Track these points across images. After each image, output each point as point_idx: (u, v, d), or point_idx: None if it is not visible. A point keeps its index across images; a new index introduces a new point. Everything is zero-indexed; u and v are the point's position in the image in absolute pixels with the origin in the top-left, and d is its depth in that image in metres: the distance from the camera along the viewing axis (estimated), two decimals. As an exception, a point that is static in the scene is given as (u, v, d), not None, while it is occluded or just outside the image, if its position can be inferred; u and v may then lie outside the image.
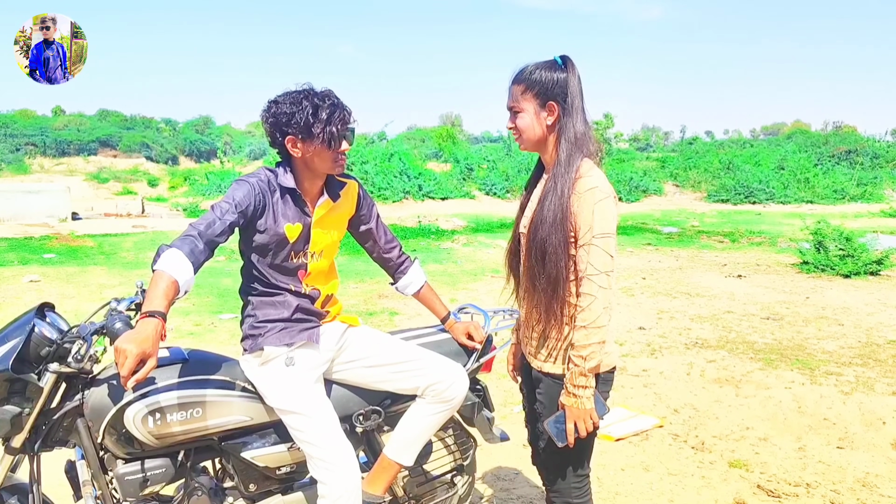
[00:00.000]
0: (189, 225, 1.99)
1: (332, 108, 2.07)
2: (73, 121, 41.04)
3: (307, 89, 2.12)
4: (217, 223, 1.99)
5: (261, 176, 2.13)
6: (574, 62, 2.03)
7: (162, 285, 1.80)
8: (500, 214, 18.65)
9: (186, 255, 1.88)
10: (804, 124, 64.52)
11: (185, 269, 1.86)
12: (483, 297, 7.74)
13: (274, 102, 2.11)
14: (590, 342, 1.95)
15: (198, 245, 1.92)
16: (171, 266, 1.84)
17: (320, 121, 2.06)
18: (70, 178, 27.93)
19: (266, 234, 2.12)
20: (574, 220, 1.96)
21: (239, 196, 2.05)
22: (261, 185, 2.10)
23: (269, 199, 2.12)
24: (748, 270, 9.64)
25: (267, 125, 2.12)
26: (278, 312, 2.19)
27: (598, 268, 1.94)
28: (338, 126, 2.08)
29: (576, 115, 2.01)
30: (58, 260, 10.13)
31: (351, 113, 2.15)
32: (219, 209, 2.02)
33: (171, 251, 1.87)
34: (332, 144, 2.09)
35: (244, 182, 2.10)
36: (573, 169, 1.98)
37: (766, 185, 24.26)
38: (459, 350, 2.49)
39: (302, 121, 2.05)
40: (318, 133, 2.06)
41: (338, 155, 2.13)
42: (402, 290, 2.54)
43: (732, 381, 4.83)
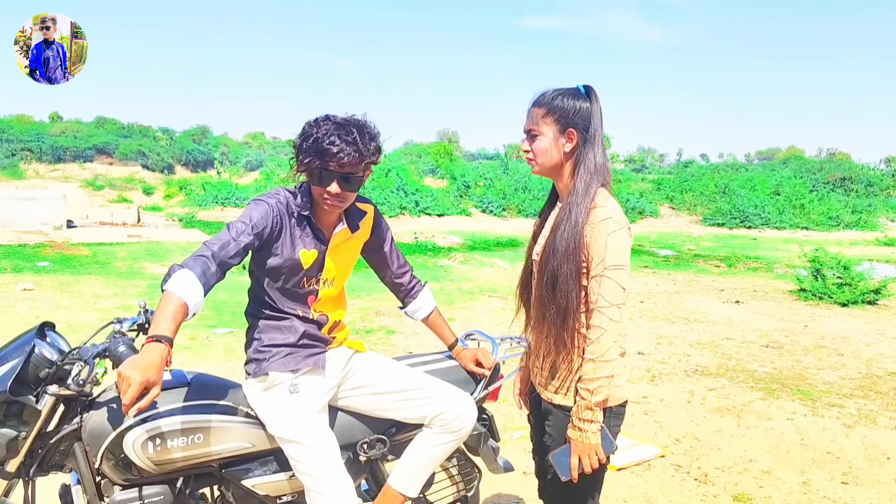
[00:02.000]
0: (203, 244, 1.94)
1: (332, 146, 1.95)
2: (69, 127, 40.98)
3: (342, 120, 2.01)
4: (231, 244, 1.93)
5: (279, 197, 2.08)
6: (596, 93, 2.01)
7: (170, 308, 1.75)
8: (497, 232, 18.65)
9: (198, 276, 1.83)
10: (798, 150, 64.97)
11: (196, 291, 1.81)
12: (481, 316, 7.70)
13: (308, 124, 2.04)
14: (598, 375, 1.90)
15: (210, 266, 1.87)
16: (182, 288, 1.78)
17: (308, 153, 1.98)
18: (65, 184, 27.85)
19: (280, 258, 2.07)
20: (587, 250, 1.92)
21: (256, 217, 2.00)
22: (279, 206, 2.06)
23: (287, 222, 2.07)
24: (746, 296, 9.62)
25: (294, 145, 2.08)
26: (284, 337, 2.13)
27: (610, 300, 1.90)
28: (328, 163, 1.96)
29: (596, 145, 1.98)
30: (52, 268, 10.04)
31: (361, 160, 2.00)
32: (234, 229, 1.97)
33: (183, 272, 1.82)
34: (314, 180, 2.01)
35: (262, 202, 2.05)
36: (589, 198, 1.95)
37: (762, 210, 24.35)
38: (467, 378, 2.44)
39: (299, 147, 2.01)
40: (302, 162, 2.01)
41: (322, 194, 2.03)
42: (412, 314, 2.49)
43: (734, 410, 4.78)
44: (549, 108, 2.00)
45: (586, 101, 1.99)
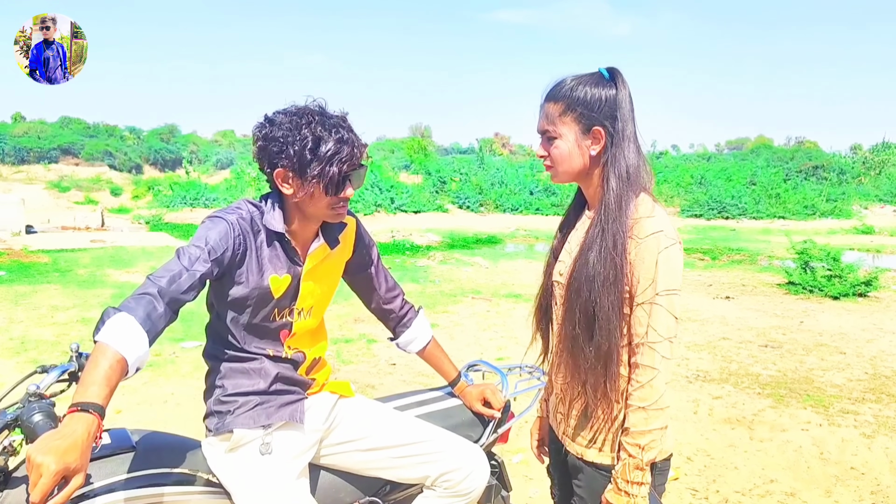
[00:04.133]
0: (147, 278, 1.52)
1: (338, 144, 1.62)
2: (33, 128, 39.90)
3: (313, 111, 1.65)
4: (183, 276, 1.53)
5: (241, 212, 1.68)
6: (624, 77, 1.63)
7: (103, 365, 1.34)
8: (475, 229, 18.28)
9: (140, 321, 1.42)
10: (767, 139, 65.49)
11: (138, 341, 1.40)
12: (465, 320, 7.32)
13: (269, 122, 1.65)
14: (650, 427, 1.54)
15: (156, 307, 1.46)
16: (119, 338, 1.38)
17: (319, 159, 1.61)
18: (30, 186, 26.98)
19: (245, 287, 1.67)
20: (631, 271, 1.55)
21: (214, 238, 1.60)
22: (241, 224, 1.65)
23: (252, 242, 1.67)
24: (735, 291, 9.37)
25: (255, 148, 1.67)
26: (252, 383, 1.73)
27: (662, 333, 1.53)
28: (342, 167, 1.63)
29: (627, 144, 1.60)
30: (8, 278, 9.45)
31: (364, 148, 1.70)
32: (186, 256, 1.56)
33: (121, 317, 1.41)
34: (331, 190, 1.64)
35: (220, 219, 1.64)
36: (627, 210, 1.57)
37: (739, 200, 24.31)
38: (473, 420, 2.06)
39: (296, 154, 1.60)
40: (314, 175, 1.61)
41: (337, 202, 1.69)
42: (404, 346, 2.10)
43: (744, 421, 4.46)
44: (568, 102, 1.61)
45: (611, 87, 1.60)
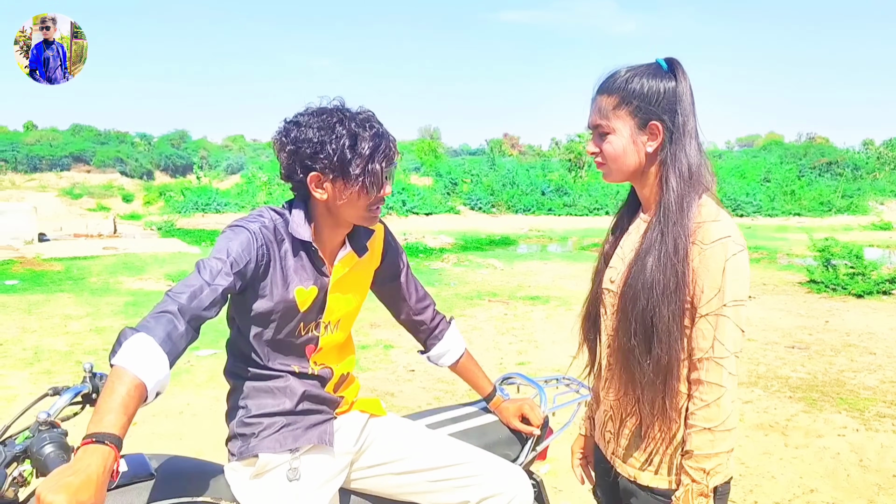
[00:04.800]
0: (166, 294, 1.40)
1: (376, 139, 1.52)
2: (45, 136, 40.13)
3: (340, 109, 1.55)
4: (205, 291, 1.41)
5: (264, 220, 1.56)
6: (684, 68, 1.50)
7: (120, 391, 1.22)
8: (488, 230, 18.17)
9: (160, 342, 1.30)
10: (778, 135, 65.09)
11: (157, 364, 1.28)
12: (483, 324, 7.20)
13: (295, 124, 1.54)
14: (716, 451, 1.41)
15: (177, 326, 1.34)
16: (137, 361, 1.26)
17: (361, 156, 1.50)
18: (42, 193, 27.12)
19: (269, 301, 1.56)
20: (695, 280, 1.42)
21: (235, 250, 1.48)
22: (265, 233, 1.54)
23: (276, 252, 1.56)
24: (756, 290, 9.20)
25: (284, 154, 1.55)
26: (278, 403, 1.62)
27: (730, 348, 1.40)
28: (382, 163, 1.53)
29: (688, 140, 1.47)
30: (21, 287, 9.41)
31: (396, 144, 1.60)
32: (207, 270, 1.44)
33: (139, 338, 1.29)
34: (374, 189, 1.54)
35: (241, 229, 1.52)
36: (689, 213, 1.44)
37: (753, 197, 24.06)
38: (510, 437, 1.94)
39: (336, 155, 1.49)
40: (357, 174, 1.50)
41: (376, 201, 1.58)
42: (436, 360, 1.97)
43: (777, 427, 4.32)
44: (623, 95, 1.48)
45: (671, 79, 1.48)
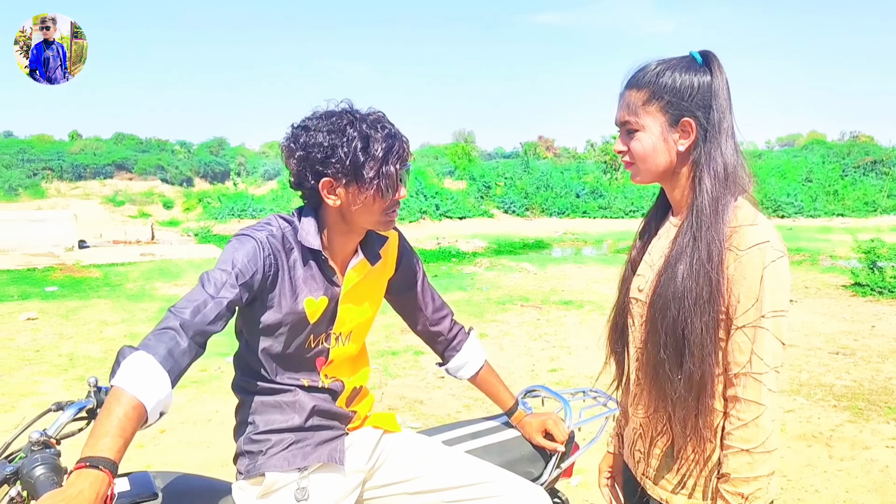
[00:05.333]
0: (168, 311, 1.35)
1: (388, 140, 1.46)
2: (89, 145, 41.07)
3: (349, 111, 1.49)
4: (209, 305, 1.36)
5: (272, 228, 1.50)
6: (720, 62, 1.39)
7: (117, 413, 1.17)
8: (522, 234, 18.01)
9: (161, 360, 1.25)
10: (820, 134, 63.45)
11: (157, 384, 1.23)
12: (515, 329, 7.08)
13: (303, 129, 1.47)
14: (756, 474, 1.30)
15: (179, 343, 1.29)
16: (136, 381, 1.21)
17: (374, 158, 1.44)
18: (86, 201, 27.73)
19: (278, 313, 1.50)
20: (729, 288, 1.31)
21: (241, 260, 1.42)
22: (272, 242, 1.48)
23: (284, 261, 1.49)
24: (798, 294, 8.91)
25: (293, 160, 1.49)
26: (286, 419, 1.55)
27: (769, 362, 1.30)
28: (397, 165, 1.47)
29: (724, 139, 1.37)
30: (60, 293, 9.57)
31: (409, 145, 1.53)
32: (212, 282, 1.39)
33: (138, 357, 1.24)
34: (389, 192, 1.47)
35: (247, 238, 1.46)
36: (724, 216, 1.33)
37: (795, 198, 23.48)
38: (533, 453, 1.84)
39: (349, 158, 1.43)
40: (371, 177, 1.44)
41: (391, 205, 1.52)
42: (454, 372, 1.89)
43: (821, 437, 4.13)
44: (654, 89, 1.38)
45: (706, 74, 1.37)
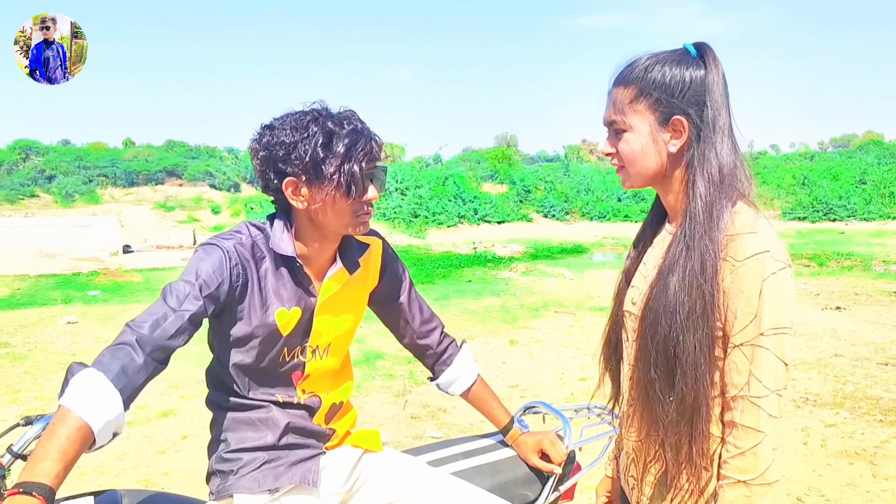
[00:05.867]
0: (126, 326, 1.29)
1: (353, 135, 1.37)
2: (141, 152, 42.19)
3: (317, 109, 1.41)
4: (169, 318, 1.29)
5: (240, 237, 1.43)
6: (716, 54, 1.27)
7: (60, 434, 1.11)
8: (560, 238, 17.80)
9: (112, 378, 1.19)
10: (877, 135, 61.29)
11: (108, 403, 1.16)
12: (546, 336, 6.93)
13: (268, 128, 1.41)
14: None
15: (134, 359, 1.22)
16: (83, 401, 1.14)
17: (335, 155, 1.36)
18: (139, 207, 28.45)
19: (247, 324, 1.42)
20: (726, 303, 1.19)
21: (206, 271, 1.35)
22: (240, 250, 1.40)
23: (253, 271, 1.42)
24: (846, 301, 8.55)
25: (257, 160, 1.42)
26: (259, 437, 1.47)
27: (769, 385, 1.17)
28: (362, 163, 1.38)
29: (719, 138, 1.24)
30: (101, 297, 9.77)
31: (381, 145, 1.44)
32: (174, 295, 1.32)
33: (87, 375, 1.18)
34: (353, 191, 1.38)
35: (214, 248, 1.39)
36: (719, 223, 1.21)
37: (847, 200, 22.69)
38: (528, 475, 1.73)
39: (308, 155, 1.35)
40: (331, 173, 1.36)
41: (361, 207, 1.43)
42: (445, 388, 1.79)
43: (864, 454, 3.89)
44: (641, 85, 1.26)
45: (699, 67, 1.25)
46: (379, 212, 19.95)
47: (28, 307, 8.80)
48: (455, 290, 9.86)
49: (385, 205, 20.29)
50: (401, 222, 19.53)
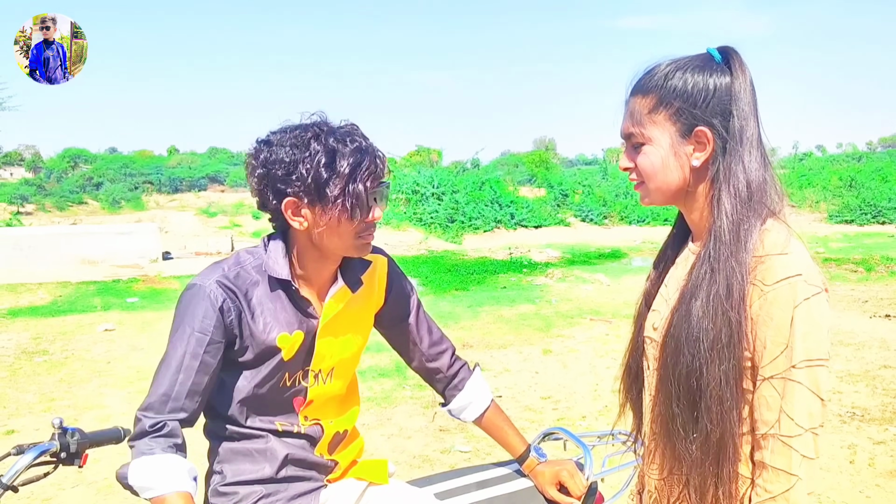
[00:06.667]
0: (138, 413, 1.31)
1: (357, 154, 1.30)
2: (185, 159, 43.12)
3: (317, 124, 1.34)
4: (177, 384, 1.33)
5: (223, 269, 1.37)
6: (743, 59, 1.16)
7: None
8: (598, 243, 17.54)
9: (163, 450, 1.29)
10: (929, 134, 59.30)
11: (175, 467, 1.27)
12: (581, 345, 6.78)
13: (266, 144, 1.34)
14: None
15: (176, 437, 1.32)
16: (162, 481, 1.25)
17: (339, 175, 1.28)
18: (182, 213, 29.01)
19: (248, 353, 1.38)
20: (755, 332, 1.08)
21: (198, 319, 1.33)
22: (225, 284, 1.34)
23: (244, 302, 1.35)
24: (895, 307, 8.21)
25: (254, 178, 1.36)
26: (257, 469, 1.40)
27: (802, 423, 1.06)
28: (367, 183, 1.30)
29: (747, 151, 1.13)
30: (140, 304, 9.90)
31: (385, 161, 1.36)
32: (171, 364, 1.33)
33: (140, 464, 1.26)
34: (358, 213, 1.31)
35: (196, 299, 1.34)
36: (747, 243, 1.10)
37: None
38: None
39: (310, 175, 1.28)
40: (335, 195, 1.29)
41: (365, 228, 1.36)
42: (457, 413, 1.70)
43: (916, 475, 3.68)
44: (661, 94, 1.16)
45: (725, 74, 1.14)
46: (416, 217, 19.94)
47: (68, 314, 8.96)
48: (489, 296, 9.74)
49: (421, 209, 20.26)
50: (437, 227, 19.46)
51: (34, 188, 29.62)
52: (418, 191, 21.01)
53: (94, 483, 3.72)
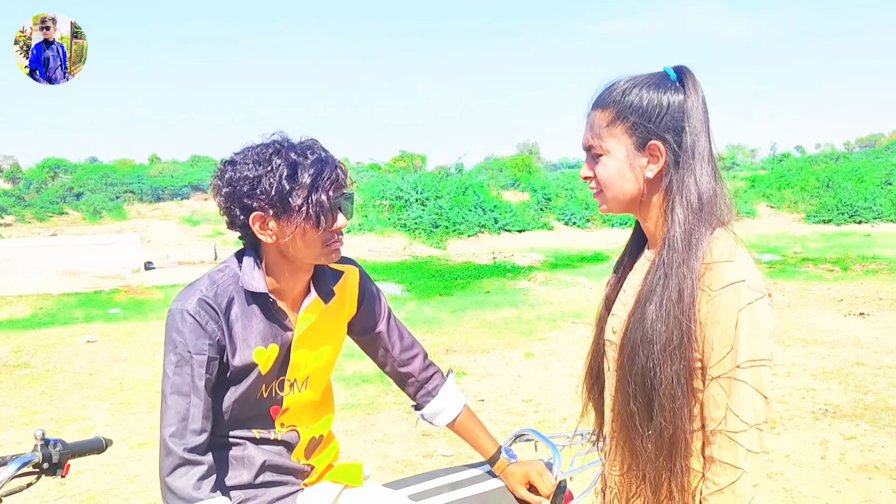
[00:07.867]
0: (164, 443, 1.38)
1: (318, 165, 1.36)
2: (167, 168, 42.81)
3: (278, 141, 1.41)
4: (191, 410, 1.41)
5: (200, 290, 1.42)
6: (696, 78, 1.24)
7: None
8: (581, 246, 17.68)
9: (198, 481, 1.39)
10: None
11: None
12: (563, 349, 6.86)
13: (230, 164, 1.41)
14: None
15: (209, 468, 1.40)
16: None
17: (301, 186, 1.35)
18: (165, 222, 28.86)
19: (232, 367, 1.43)
20: (703, 335, 1.16)
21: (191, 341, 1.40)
22: (204, 304, 1.40)
23: (223, 320, 1.41)
24: (871, 307, 8.36)
25: (221, 198, 1.42)
26: (235, 475, 1.46)
27: (746, 419, 1.13)
28: (329, 192, 1.37)
29: (699, 165, 1.22)
30: (122, 315, 9.87)
31: (347, 172, 1.42)
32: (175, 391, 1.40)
33: None
34: (323, 221, 1.37)
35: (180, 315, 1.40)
36: (697, 251, 1.18)
37: (873, 202, 22.29)
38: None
39: (273, 188, 1.34)
40: (298, 205, 1.35)
41: (331, 236, 1.42)
42: (431, 418, 1.77)
43: (885, 469, 3.78)
44: (619, 109, 1.24)
45: (678, 92, 1.22)
46: (400, 222, 19.96)
47: (49, 326, 8.91)
48: (473, 301, 9.81)
49: (406, 215, 20.28)
50: (421, 233, 19.51)
51: (13, 199, 29.30)
52: (402, 196, 21.03)
53: (76, 495, 3.74)
